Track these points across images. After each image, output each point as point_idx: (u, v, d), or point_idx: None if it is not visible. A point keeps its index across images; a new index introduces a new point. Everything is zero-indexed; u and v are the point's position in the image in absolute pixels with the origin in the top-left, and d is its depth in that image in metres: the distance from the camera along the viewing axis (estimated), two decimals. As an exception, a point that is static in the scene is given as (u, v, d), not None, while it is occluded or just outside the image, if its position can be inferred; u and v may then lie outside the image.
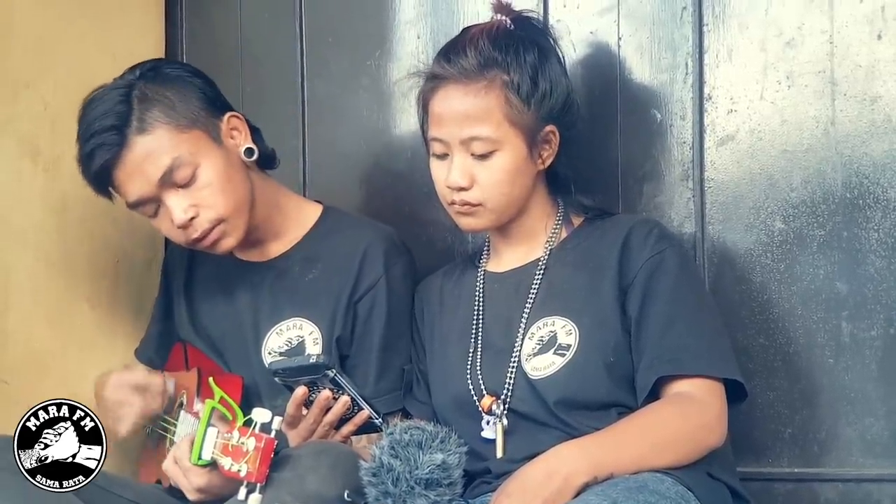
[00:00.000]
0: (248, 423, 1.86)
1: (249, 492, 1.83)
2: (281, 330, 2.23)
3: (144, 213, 2.17)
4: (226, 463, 1.86)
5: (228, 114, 2.19)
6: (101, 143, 2.11)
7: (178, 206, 2.12)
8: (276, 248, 2.28)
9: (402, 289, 2.22)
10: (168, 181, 2.11)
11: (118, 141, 2.10)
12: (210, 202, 2.13)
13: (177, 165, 2.11)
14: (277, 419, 1.85)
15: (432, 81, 2.06)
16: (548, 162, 2.08)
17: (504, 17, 2.08)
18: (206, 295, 2.33)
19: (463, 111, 2.02)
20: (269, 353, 2.22)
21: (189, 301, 2.35)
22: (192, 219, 2.13)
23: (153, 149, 2.10)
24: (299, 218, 2.29)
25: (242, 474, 1.84)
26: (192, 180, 2.12)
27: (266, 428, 1.84)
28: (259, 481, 1.83)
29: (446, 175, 2.05)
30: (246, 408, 1.93)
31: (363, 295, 2.21)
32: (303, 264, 2.25)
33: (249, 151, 2.18)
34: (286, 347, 2.21)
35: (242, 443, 1.85)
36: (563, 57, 2.12)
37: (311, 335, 2.21)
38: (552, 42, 2.10)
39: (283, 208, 2.27)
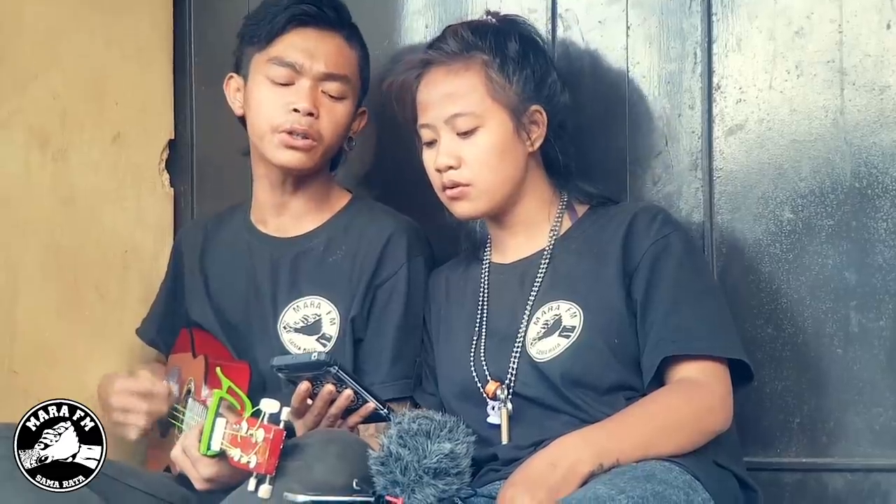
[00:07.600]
0: (256, 413, 1.85)
1: (259, 483, 1.83)
2: (298, 306, 2.26)
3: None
4: (235, 454, 1.86)
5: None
6: None
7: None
8: (300, 227, 2.32)
9: (420, 280, 2.25)
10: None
11: None
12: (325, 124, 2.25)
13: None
14: (286, 409, 1.84)
15: (416, 69, 2.11)
16: (537, 144, 2.10)
17: (489, 17, 2.16)
18: (223, 268, 2.36)
19: (445, 91, 2.07)
20: (286, 329, 2.25)
21: (204, 276, 2.37)
22: (310, 114, 2.22)
23: None
24: (328, 201, 2.33)
25: (252, 466, 1.83)
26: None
27: (275, 418, 1.84)
28: (269, 472, 1.82)
29: (435, 159, 2.06)
30: (258, 393, 1.92)
31: (384, 281, 2.24)
32: (327, 245, 2.29)
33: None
34: (302, 324, 2.25)
35: (251, 434, 1.84)
36: (550, 53, 2.15)
37: (329, 314, 2.24)
38: (538, 39, 2.14)
39: (317, 187, 2.31)
